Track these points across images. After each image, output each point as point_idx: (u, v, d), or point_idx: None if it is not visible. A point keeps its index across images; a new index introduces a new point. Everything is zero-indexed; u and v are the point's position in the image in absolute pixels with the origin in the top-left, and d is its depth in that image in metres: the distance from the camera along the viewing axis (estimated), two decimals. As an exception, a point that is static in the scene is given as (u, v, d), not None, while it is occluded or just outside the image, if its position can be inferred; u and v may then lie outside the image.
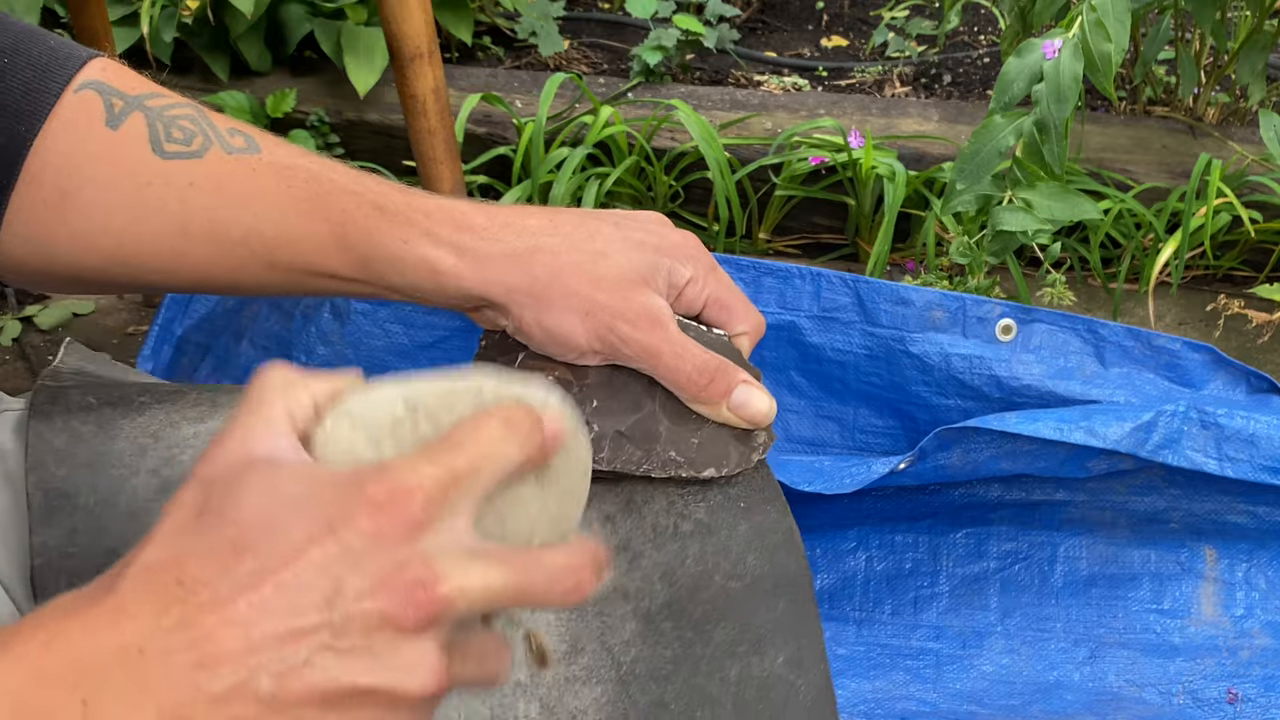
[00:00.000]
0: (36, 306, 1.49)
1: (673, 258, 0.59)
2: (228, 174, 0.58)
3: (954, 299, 0.96)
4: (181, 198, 0.57)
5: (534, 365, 0.58)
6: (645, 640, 0.53)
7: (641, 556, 0.54)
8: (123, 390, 0.55)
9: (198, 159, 0.58)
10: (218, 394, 0.56)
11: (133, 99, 0.58)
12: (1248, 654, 0.99)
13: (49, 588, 0.48)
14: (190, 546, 0.37)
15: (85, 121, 0.57)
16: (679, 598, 0.54)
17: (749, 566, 0.56)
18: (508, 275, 0.57)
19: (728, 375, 0.58)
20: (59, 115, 0.56)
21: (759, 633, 0.55)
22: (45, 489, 0.49)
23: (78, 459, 0.51)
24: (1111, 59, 1.02)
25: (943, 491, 1.01)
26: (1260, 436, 0.90)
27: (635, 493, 0.55)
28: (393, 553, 0.36)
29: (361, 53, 1.66)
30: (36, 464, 0.50)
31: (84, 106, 0.57)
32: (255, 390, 0.42)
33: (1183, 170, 1.53)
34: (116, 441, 0.52)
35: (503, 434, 0.40)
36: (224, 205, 0.57)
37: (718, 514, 0.56)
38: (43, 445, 0.50)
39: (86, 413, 0.52)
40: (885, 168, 1.46)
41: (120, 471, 0.51)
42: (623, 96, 1.71)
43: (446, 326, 0.98)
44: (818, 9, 2.14)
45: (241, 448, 0.39)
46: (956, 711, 0.97)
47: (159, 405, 0.54)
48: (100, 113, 0.57)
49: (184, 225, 0.57)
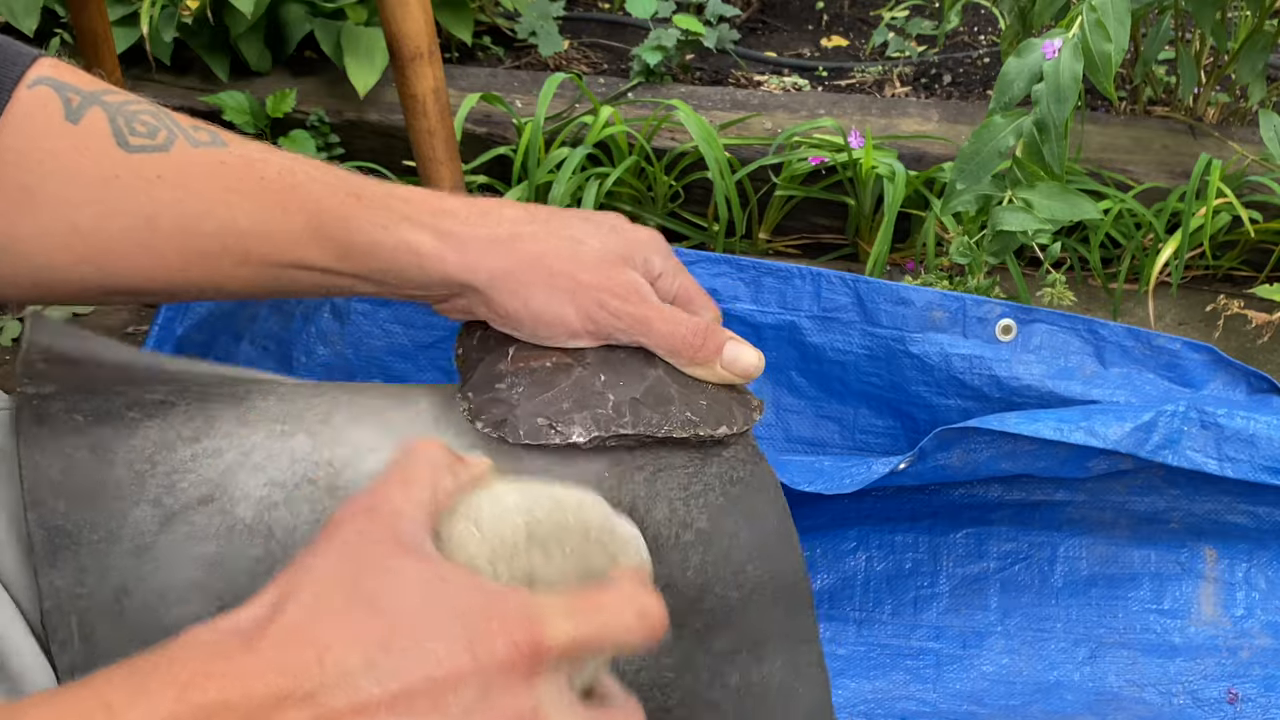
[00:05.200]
0: (36, 306, 1.49)
1: (645, 248, 0.61)
2: (195, 166, 0.56)
3: (954, 299, 0.96)
4: (149, 192, 0.55)
5: (527, 357, 0.58)
6: (647, 650, 0.53)
7: None
8: (109, 401, 0.53)
9: (164, 152, 0.56)
10: (207, 404, 0.55)
11: (89, 94, 0.56)
12: (1248, 654, 0.99)
13: (59, 630, 0.47)
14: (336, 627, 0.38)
15: (43, 117, 0.55)
16: (680, 608, 0.54)
17: (749, 576, 0.56)
18: (491, 259, 0.57)
19: (716, 334, 0.60)
20: (13, 112, 0.54)
21: (758, 640, 0.56)
22: (47, 527, 0.49)
23: (76, 491, 0.50)
24: (1111, 59, 1.02)
25: (943, 491, 1.01)
26: (1260, 436, 0.90)
27: (637, 499, 0.55)
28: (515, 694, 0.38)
29: (362, 53, 1.66)
30: (35, 500, 0.49)
31: (39, 103, 0.55)
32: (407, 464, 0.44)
33: (1183, 170, 1.53)
34: (114, 468, 0.51)
35: (635, 624, 0.43)
36: (193, 198, 0.56)
37: (719, 520, 0.56)
38: (39, 477, 0.49)
39: (78, 435, 0.51)
40: (885, 168, 1.46)
41: (120, 503, 0.50)
42: (623, 96, 1.71)
43: (446, 327, 0.98)
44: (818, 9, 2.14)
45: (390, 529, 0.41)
46: (956, 711, 0.97)
47: (150, 421, 0.53)
48: (58, 108, 0.55)
49: (153, 220, 0.55)
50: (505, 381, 0.57)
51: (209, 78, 1.74)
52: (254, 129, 1.69)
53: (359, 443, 0.54)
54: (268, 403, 0.55)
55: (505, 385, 0.57)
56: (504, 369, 0.58)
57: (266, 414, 0.54)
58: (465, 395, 0.58)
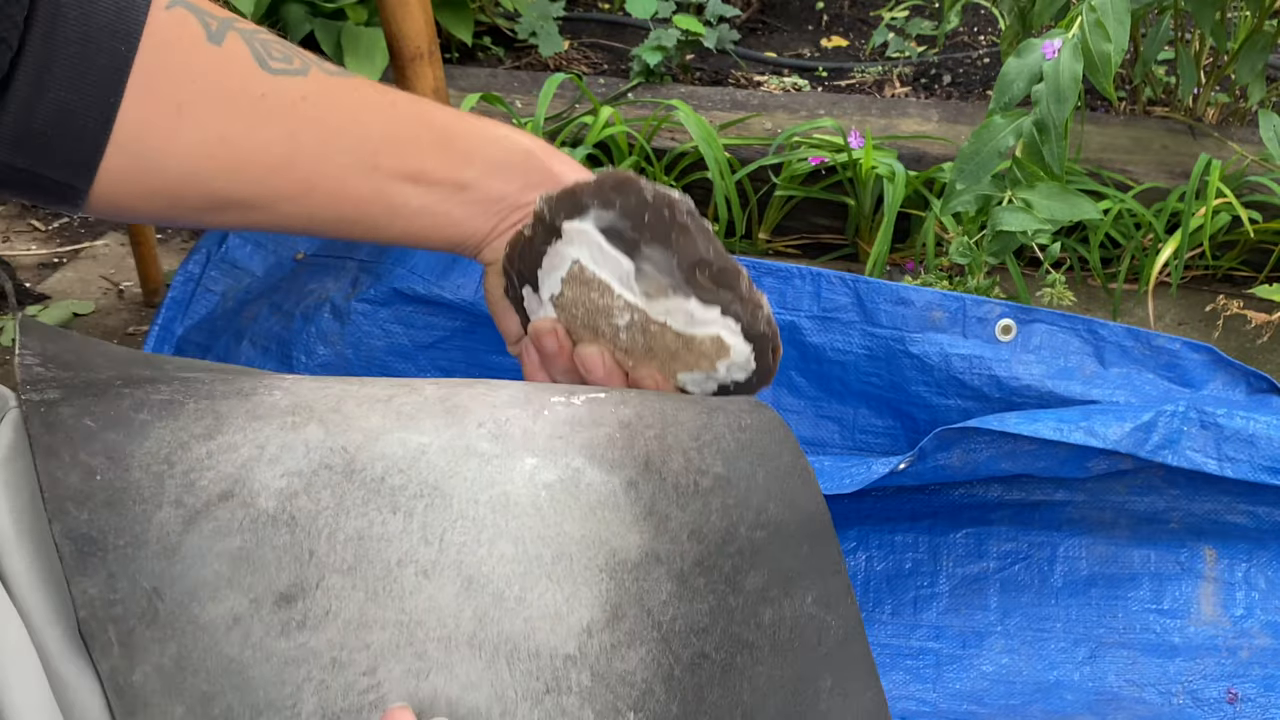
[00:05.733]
0: (37, 307, 1.49)
1: None
2: (333, 89, 0.62)
3: (954, 299, 0.96)
4: (295, 109, 0.60)
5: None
6: (681, 598, 0.54)
7: (669, 519, 0.55)
8: (116, 404, 0.54)
9: (303, 76, 0.61)
10: (215, 401, 0.55)
11: (224, 20, 0.60)
12: (1248, 654, 0.99)
13: (98, 637, 0.48)
14: None
15: (188, 38, 0.58)
16: (708, 553, 0.55)
17: (771, 515, 0.57)
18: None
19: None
20: (156, 33, 0.57)
21: (787, 576, 0.57)
22: (73, 537, 0.49)
23: (96, 499, 0.50)
24: (1111, 59, 1.02)
25: (943, 491, 1.01)
26: (1260, 436, 0.90)
27: (651, 453, 0.56)
28: None
29: (362, 53, 1.66)
30: (58, 510, 0.49)
31: (180, 24, 0.58)
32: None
33: (1182, 170, 1.53)
34: (131, 472, 0.51)
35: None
36: (334, 115, 0.61)
37: (734, 464, 0.58)
38: (58, 488, 0.50)
39: (91, 440, 0.52)
40: (885, 168, 1.46)
41: (143, 507, 0.50)
42: (623, 97, 1.71)
43: (446, 327, 0.98)
44: (818, 9, 2.14)
45: None
46: (956, 711, 0.97)
47: (161, 422, 0.53)
48: (199, 29, 0.58)
49: (295, 134, 0.60)
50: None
51: (209, 78, 1.74)
52: (254, 129, 1.69)
53: (371, 427, 0.54)
54: (274, 396, 0.56)
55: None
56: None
57: (275, 407, 0.55)
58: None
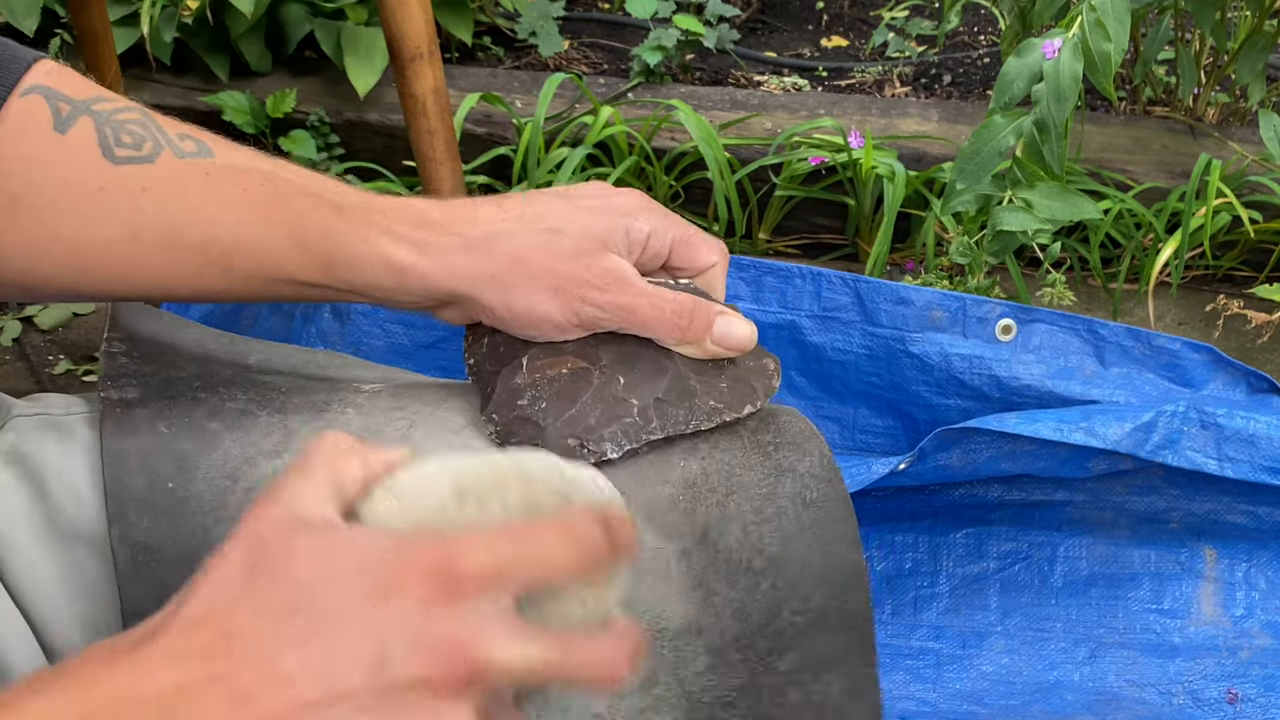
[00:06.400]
0: (37, 307, 1.49)
1: (627, 216, 0.59)
2: (180, 179, 0.57)
3: (954, 299, 0.96)
4: (134, 203, 0.56)
5: (542, 365, 0.58)
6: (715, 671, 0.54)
7: (715, 594, 0.55)
8: (191, 411, 0.54)
9: (149, 164, 0.56)
10: (287, 416, 0.55)
11: (79, 103, 0.57)
12: (1248, 654, 0.99)
13: None
14: (240, 601, 0.37)
15: (33, 126, 0.55)
16: (748, 631, 0.55)
17: (816, 602, 0.56)
18: (470, 266, 0.57)
19: (704, 310, 0.59)
20: (5, 121, 0.55)
21: (819, 661, 0.57)
22: (130, 544, 0.49)
23: (158, 507, 0.50)
24: (1111, 59, 1.02)
25: (943, 491, 1.01)
26: (1260, 436, 0.90)
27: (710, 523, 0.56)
28: (439, 619, 0.37)
29: (361, 53, 1.66)
30: (118, 514, 0.49)
31: (30, 112, 0.56)
32: (306, 454, 0.42)
33: (1183, 170, 1.53)
34: (195, 484, 0.51)
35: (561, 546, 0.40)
36: (178, 210, 0.56)
37: (791, 545, 0.56)
38: (123, 493, 0.50)
39: (163, 449, 0.52)
40: (885, 168, 1.46)
41: (202, 520, 0.51)
42: (623, 96, 1.71)
43: (446, 327, 0.98)
44: (818, 9, 2.14)
45: (289, 512, 0.40)
46: (956, 711, 0.97)
47: (231, 435, 0.53)
48: (47, 117, 0.56)
49: (137, 231, 0.56)
50: (526, 396, 0.57)
51: (209, 78, 1.74)
52: (254, 129, 1.69)
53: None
54: (346, 416, 0.56)
55: (527, 401, 0.57)
56: (522, 382, 0.58)
57: (346, 428, 0.55)
58: (490, 417, 0.57)
